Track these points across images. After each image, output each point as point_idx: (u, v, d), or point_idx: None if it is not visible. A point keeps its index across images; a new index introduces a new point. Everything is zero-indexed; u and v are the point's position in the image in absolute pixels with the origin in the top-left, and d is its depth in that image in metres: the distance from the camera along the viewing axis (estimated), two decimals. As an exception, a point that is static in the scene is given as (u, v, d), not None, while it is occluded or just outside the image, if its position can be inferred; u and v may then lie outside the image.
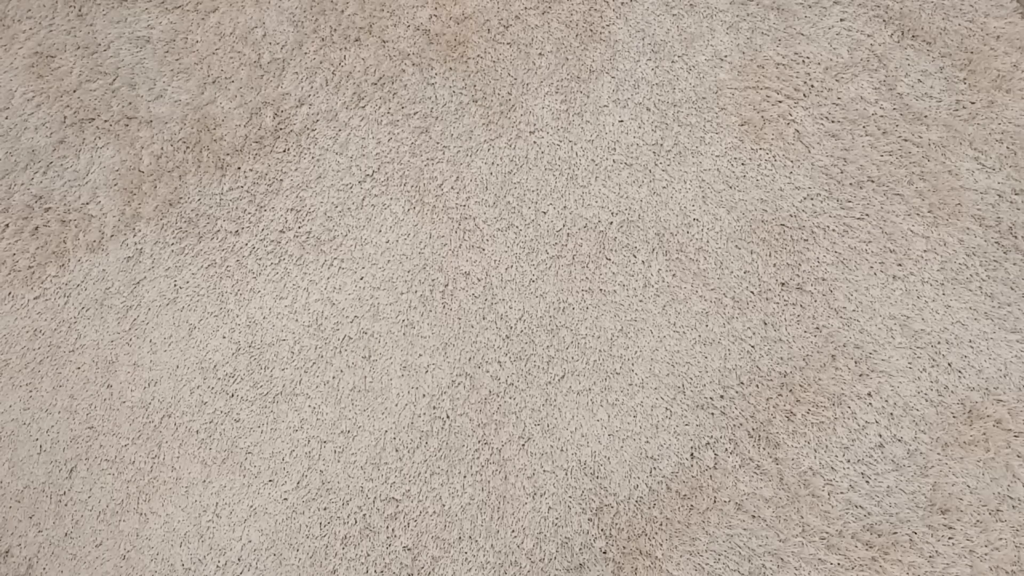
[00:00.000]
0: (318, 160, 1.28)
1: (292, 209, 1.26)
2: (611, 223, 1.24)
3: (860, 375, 1.16)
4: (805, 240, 1.22)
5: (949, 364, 1.16)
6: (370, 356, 1.20)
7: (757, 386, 1.17)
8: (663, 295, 1.21)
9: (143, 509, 1.15)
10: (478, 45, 1.33)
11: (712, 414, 1.16)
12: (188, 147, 1.29)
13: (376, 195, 1.26)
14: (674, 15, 1.33)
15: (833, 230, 1.22)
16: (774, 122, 1.27)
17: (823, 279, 1.20)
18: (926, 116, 1.25)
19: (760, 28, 1.31)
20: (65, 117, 1.30)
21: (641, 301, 1.21)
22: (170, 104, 1.30)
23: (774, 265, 1.21)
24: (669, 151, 1.27)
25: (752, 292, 1.20)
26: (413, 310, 1.22)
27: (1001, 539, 1.09)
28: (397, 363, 1.19)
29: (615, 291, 1.21)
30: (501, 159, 1.28)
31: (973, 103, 1.26)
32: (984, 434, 1.13)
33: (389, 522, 1.14)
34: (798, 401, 1.16)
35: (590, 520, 1.13)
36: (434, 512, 1.14)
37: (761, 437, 1.15)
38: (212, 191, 1.27)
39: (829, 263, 1.21)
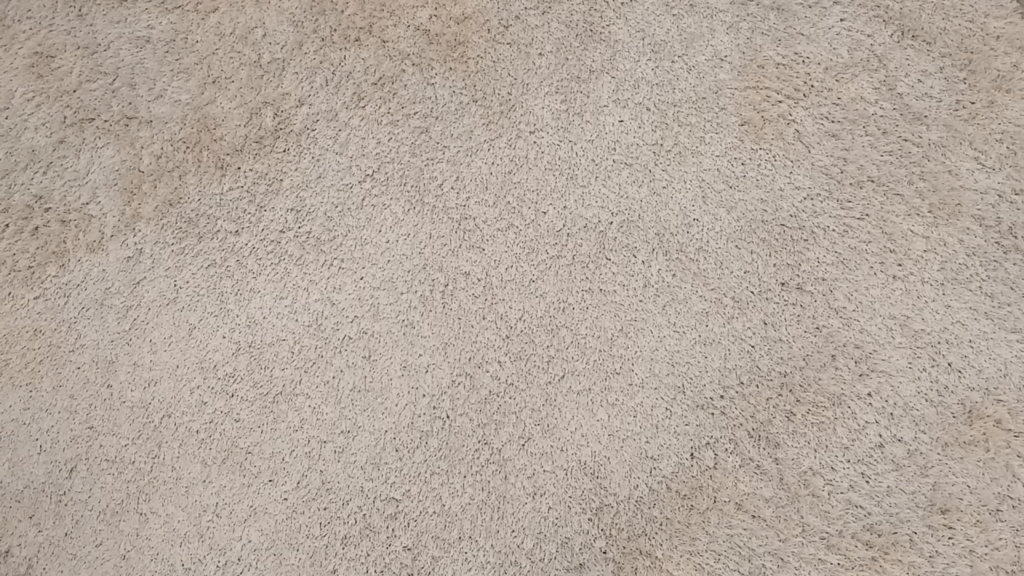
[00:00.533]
0: (318, 160, 1.28)
1: (292, 209, 1.26)
2: (611, 223, 1.24)
3: (860, 375, 1.16)
4: (805, 240, 1.22)
5: (949, 364, 1.16)
6: (370, 356, 1.20)
7: (757, 386, 1.17)
8: (663, 295, 1.21)
9: (143, 509, 1.15)
10: (478, 45, 1.33)
11: (712, 414, 1.16)
12: (188, 147, 1.29)
13: (376, 195, 1.26)
14: (674, 15, 1.32)
15: (833, 230, 1.22)
16: (774, 122, 1.27)
17: (823, 279, 1.20)
18: (926, 116, 1.25)
19: (760, 28, 1.31)
20: (65, 117, 1.30)
21: (641, 301, 1.21)
22: (170, 104, 1.30)
23: (774, 265, 1.21)
24: (669, 151, 1.27)
25: (752, 292, 1.20)
26: (413, 310, 1.21)
27: (1001, 539, 1.09)
28: (397, 363, 1.19)
29: (615, 291, 1.21)
30: (501, 159, 1.28)
31: (973, 103, 1.26)
32: (984, 434, 1.13)
33: (389, 522, 1.14)
34: (798, 401, 1.16)
35: (590, 520, 1.13)
36: (434, 512, 1.14)
37: (761, 437, 1.15)
38: (212, 191, 1.27)
39: (829, 263, 1.21)
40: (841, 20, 1.30)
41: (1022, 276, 1.18)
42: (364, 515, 1.14)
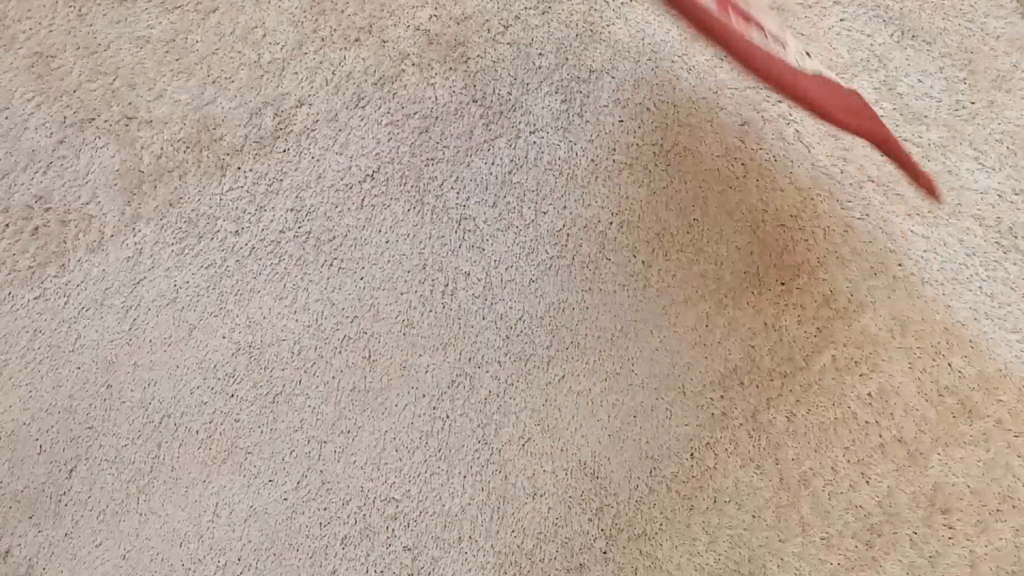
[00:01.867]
0: (318, 160, 1.28)
1: (292, 209, 1.26)
2: (611, 223, 1.24)
3: (860, 375, 1.16)
4: (805, 240, 1.22)
5: (949, 364, 1.16)
6: (370, 356, 1.20)
7: (757, 386, 1.17)
8: (663, 295, 1.21)
9: (143, 509, 1.15)
10: (478, 45, 1.33)
11: (712, 414, 1.16)
12: (188, 147, 1.29)
13: (376, 195, 1.26)
14: (674, 15, 1.32)
15: (833, 230, 1.22)
16: (774, 122, 1.27)
17: (823, 279, 1.20)
18: (926, 116, 1.25)
19: (760, 28, 1.31)
20: (65, 117, 1.30)
21: (641, 301, 1.21)
22: (170, 104, 1.30)
23: (774, 265, 1.21)
24: (669, 151, 1.27)
25: (752, 292, 1.20)
26: (413, 310, 1.21)
27: (1001, 539, 1.09)
28: (397, 363, 1.19)
29: (615, 291, 1.21)
30: (501, 159, 1.28)
31: (973, 103, 1.26)
32: (984, 434, 1.13)
33: (389, 522, 1.14)
34: (798, 401, 1.16)
35: (590, 520, 1.13)
36: (434, 512, 1.14)
37: (761, 437, 1.15)
38: (212, 191, 1.27)
39: (829, 263, 1.21)
40: (841, 20, 1.30)
41: (1022, 276, 1.18)
42: (364, 515, 1.14)
